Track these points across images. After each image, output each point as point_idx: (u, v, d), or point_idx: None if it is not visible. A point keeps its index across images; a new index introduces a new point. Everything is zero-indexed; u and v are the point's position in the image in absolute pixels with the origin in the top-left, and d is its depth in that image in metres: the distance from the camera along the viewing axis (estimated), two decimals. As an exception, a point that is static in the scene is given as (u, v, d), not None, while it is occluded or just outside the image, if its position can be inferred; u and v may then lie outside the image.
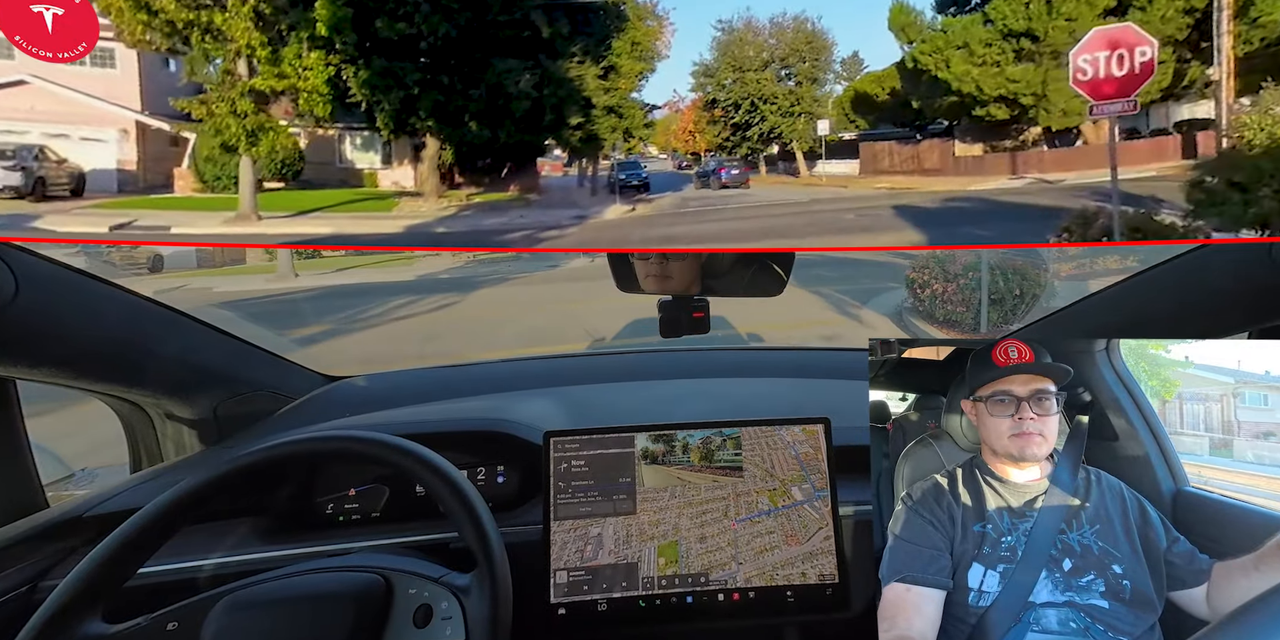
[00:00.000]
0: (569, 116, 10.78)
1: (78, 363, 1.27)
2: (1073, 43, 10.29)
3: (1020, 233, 6.78)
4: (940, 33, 11.09)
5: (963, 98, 11.37)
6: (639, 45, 12.50)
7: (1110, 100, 6.26)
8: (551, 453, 1.19)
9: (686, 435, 1.20)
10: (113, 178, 10.48)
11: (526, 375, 1.93)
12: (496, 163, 12.66)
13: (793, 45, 14.80)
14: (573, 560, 1.13)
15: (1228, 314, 1.27)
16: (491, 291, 9.73)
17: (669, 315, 1.41)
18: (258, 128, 8.22)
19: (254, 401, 1.66)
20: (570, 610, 1.11)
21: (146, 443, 1.61)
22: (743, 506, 1.18)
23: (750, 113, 15.10)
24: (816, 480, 1.20)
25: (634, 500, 1.17)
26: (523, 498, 1.32)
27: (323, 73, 8.56)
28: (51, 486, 1.42)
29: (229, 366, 1.62)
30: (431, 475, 0.94)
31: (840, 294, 8.70)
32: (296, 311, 10.97)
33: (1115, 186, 6.11)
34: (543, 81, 10.01)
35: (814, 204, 10.49)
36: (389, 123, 9.47)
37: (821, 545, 1.16)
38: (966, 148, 13.43)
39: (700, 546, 1.14)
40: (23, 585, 1.07)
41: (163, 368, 1.45)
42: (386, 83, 8.97)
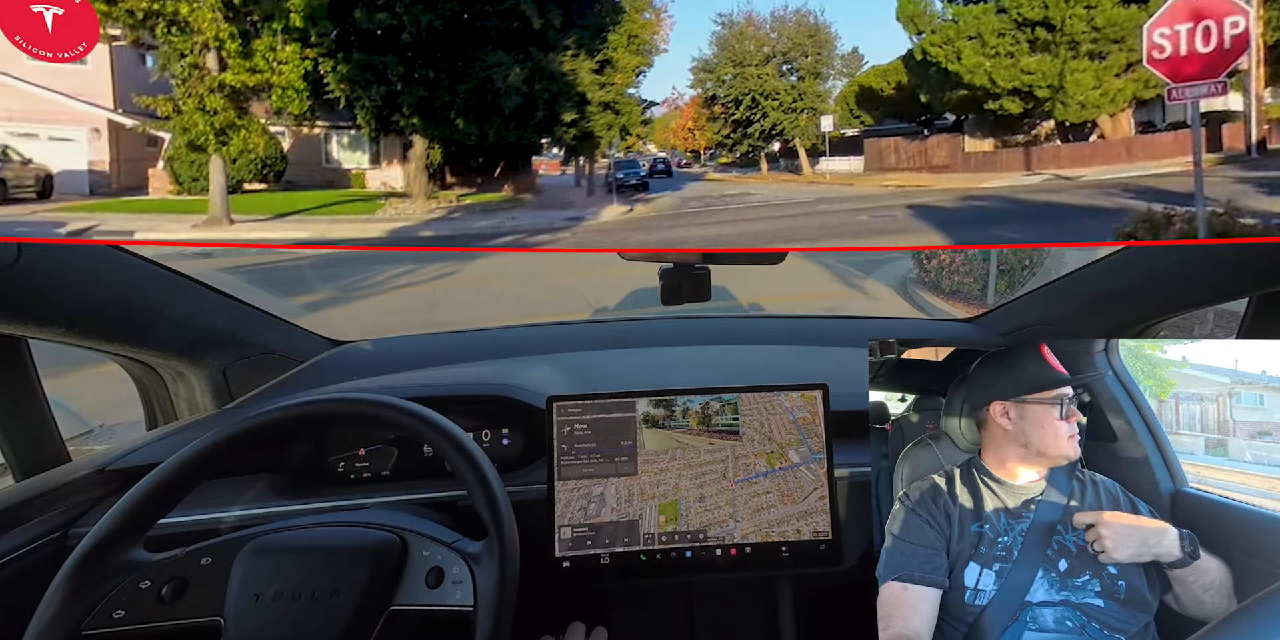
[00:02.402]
0: (562, 113, 10.37)
1: (84, 323, 1.32)
2: (1091, 32, 9.88)
3: (1063, 237, 6.26)
4: (951, 23, 10.64)
5: (974, 91, 10.92)
6: (636, 38, 12.17)
7: (1193, 82, 5.25)
8: (555, 417, 1.22)
9: (686, 400, 1.23)
10: (84, 179, 10.12)
11: (529, 341, 1.99)
12: (489, 161, 12.36)
13: (795, 39, 14.62)
14: (576, 517, 1.19)
15: (1146, 308, 1.47)
16: (487, 262, 9.05)
17: (670, 283, 1.47)
18: (228, 125, 7.70)
19: (262, 364, 1.70)
20: (574, 563, 1.17)
21: (160, 402, 1.66)
22: (741, 468, 1.22)
23: (751, 109, 14.86)
24: (813, 444, 1.24)
25: (635, 462, 1.21)
26: (527, 459, 1.36)
27: (298, 67, 8.08)
28: (72, 441, 1.50)
29: (235, 329, 1.67)
30: (444, 440, 0.97)
31: (844, 265, 8.16)
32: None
33: (1199, 184, 5.37)
34: (534, 76, 9.54)
35: (820, 204, 10.02)
36: (370, 120, 8.99)
37: (816, 504, 1.21)
38: (976, 143, 13.05)
39: (699, 505, 1.19)
40: (54, 532, 1.13)
41: (169, 329, 1.50)
42: (366, 78, 8.47)
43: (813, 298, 7.15)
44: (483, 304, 7.43)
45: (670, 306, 1.52)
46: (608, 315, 5.61)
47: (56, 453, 1.38)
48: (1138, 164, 10.24)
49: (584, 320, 2.57)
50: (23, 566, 1.07)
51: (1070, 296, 1.72)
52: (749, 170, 15.90)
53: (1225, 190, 7.19)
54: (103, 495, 1.23)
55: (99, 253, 1.31)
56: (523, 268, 8.82)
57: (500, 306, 7.42)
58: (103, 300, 1.32)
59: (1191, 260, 1.38)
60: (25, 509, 1.13)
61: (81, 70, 9.32)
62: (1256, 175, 7.51)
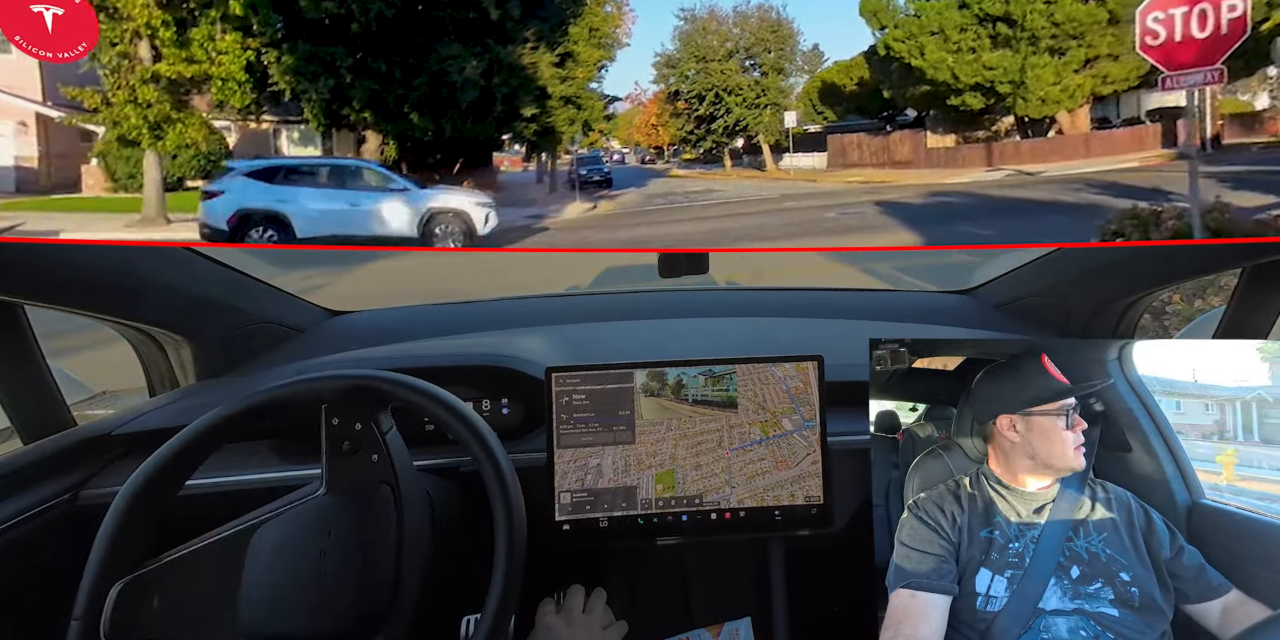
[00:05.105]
0: (522, 107, 10.09)
1: (73, 289, 1.34)
2: (1051, 27, 9.94)
3: (1037, 234, 6.16)
4: (914, 18, 10.63)
5: (936, 86, 10.95)
6: (597, 31, 11.97)
7: (1188, 69, 4.99)
8: (554, 387, 1.23)
9: (683, 372, 1.25)
10: (10, 176, 9.59)
11: (528, 313, 2.01)
12: (448, 158, 12.03)
13: (757, 35, 14.66)
14: (575, 484, 1.22)
15: (1141, 278, 1.56)
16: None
17: (668, 256, 1.52)
18: (163, 119, 7.20)
19: (259, 334, 1.70)
20: (574, 526, 1.21)
21: (160, 370, 1.65)
22: (736, 437, 1.24)
23: (714, 105, 14.83)
24: (806, 412, 1.25)
25: (633, 431, 1.23)
26: (526, 428, 1.37)
27: (239, 58, 7.61)
28: (76, 406, 1.50)
29: (229, 297, 1.66)
30: (448, 413, 0.97)
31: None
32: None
33: (1194, 182, 5.18)
34: (491, 69, 9.22)
35: (786, 201, 9.91)
36: (318, 114, 8.57)
37: (809, 469, 1.24)
38: (938, 139, 13.13)
39: (696, 473, 1.23)
40: (64, 492, 1.16)
41: (161, 296, 1.51)
42: (313, 70, 8.03)
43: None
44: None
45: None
46: (605, 287, 5.65)
47: (61, 418, 1.39)
48: (1097, 159, 10.37)
49: (581, 292, 2.59)
50: (35, 525, 1.09)
51: (1065, 268, 1.73)
52: (713, 166, 15.88)
53: (1186, 185, 7.22)
54: (112, 458, 1.26)
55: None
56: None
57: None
58: (90, 266, 1.35)
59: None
60: (35, 470, 1.16)
61: (6, 60, 8.68)
62: (1218, 170, 7.57)
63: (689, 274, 1.52)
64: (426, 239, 6.97)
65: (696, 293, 2.08)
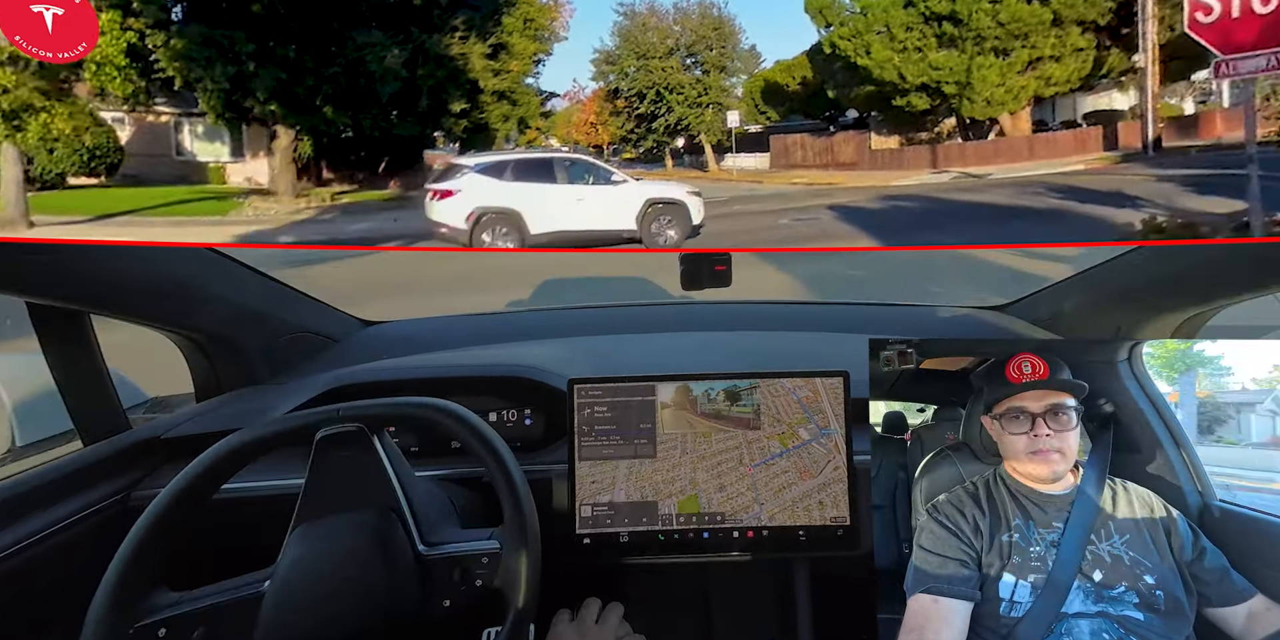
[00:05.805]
0: (450, 101, 9.42)
1: (134, 299, 1.42)
2: (996, 27, 9.82)
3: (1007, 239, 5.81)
4: (860, 15, 10.37)
5: (882, 86, 10.75)
6: (533, 23, 11.40)
7: (1245, 52, 4.32)
8: (576, 399, 1.24)
9: (706, 386, 1.25)
10: None
11: (551, 325, 2.08)
12: (372, 156, 11.24)
13: (699, 32, 14.51)
14: (596, 497, 1.22)
15: (1188, 298, 1.51)
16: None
17: (690, 268, 1.59)
18: (21, 107, 6.22)
19: (297, 342, 1.77)
20: (594, 540, 1.20)
21: (207, 375, 1.69)
22: (756, 452, 1.23)
23: (655, 103, 14.69)
24: (819, 420, 1.25)
25: (654, 445, 1.23)
26: (549, 439, 1.39)
27: (118, 40, 6.66)
28: (131, 410, 1.58)
29: (273, 308, 1.75)
30: (477, 441, 0.99)
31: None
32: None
33: (1256, 183, 4.68)
34: (415, 59, 8.50)
35: (734, 204, 9.47)
36: (216, 106, 7.69)
37: (833, 475, 1.21)
38: (882, 140, 13.02)
39: (720, 495, 1.21)
40: (116, 494, 1.24)
41: (214, 305, 1.59)
42: (208, 55, 7.14)
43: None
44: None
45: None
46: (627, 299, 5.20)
47: (118, 420, 1.43)
48: (1040, 161, 10.33)
49: (603, 305, 2.55)
50: (91, 524, 1.16)
51: (1106, 286, 1.69)
52: (653, 166, 15.57)
53: (1146, 189, 7.10)
54: (160, 462, 1.33)
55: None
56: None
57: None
58: (149, 278, 1.42)
59: (1240, 252, 1.36)
60: (91, 472, 1.24)
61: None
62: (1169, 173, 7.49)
63: (712, 286, 1.54)
64: (644, 233, 6.97)
65: (718, 306, 2.10)
